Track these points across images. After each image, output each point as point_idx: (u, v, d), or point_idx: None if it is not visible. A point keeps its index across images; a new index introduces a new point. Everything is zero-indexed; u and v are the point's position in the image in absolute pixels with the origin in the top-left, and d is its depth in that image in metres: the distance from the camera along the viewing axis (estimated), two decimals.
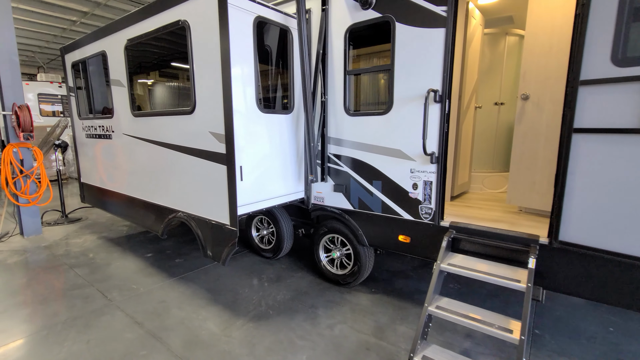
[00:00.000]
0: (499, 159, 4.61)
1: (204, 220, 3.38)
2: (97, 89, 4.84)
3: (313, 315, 3.27)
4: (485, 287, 3.84)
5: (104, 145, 4.79)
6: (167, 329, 3.03)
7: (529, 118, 3.20)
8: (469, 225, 2.85)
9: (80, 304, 3.46)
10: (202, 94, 3.15)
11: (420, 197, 3.06)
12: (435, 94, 2.78)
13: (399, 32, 2.97)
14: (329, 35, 3.44)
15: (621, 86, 2.03)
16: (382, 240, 3.38)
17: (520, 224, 2.95)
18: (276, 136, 3.44)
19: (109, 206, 5.09)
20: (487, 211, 3.46)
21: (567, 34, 2.90)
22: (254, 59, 3.08)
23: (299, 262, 4.52)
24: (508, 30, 4.33)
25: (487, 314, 2.38)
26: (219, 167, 3.10)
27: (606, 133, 2.10)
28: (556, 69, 3.00)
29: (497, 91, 4.45)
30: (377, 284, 3.91)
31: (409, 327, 3.07)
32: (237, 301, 3.53)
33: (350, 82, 3.43)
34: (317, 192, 3.83)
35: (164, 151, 3.70)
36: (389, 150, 3.19)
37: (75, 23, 13.63)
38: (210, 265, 4.44)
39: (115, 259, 4.65)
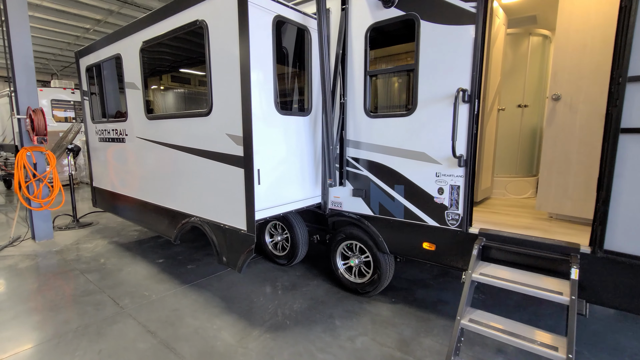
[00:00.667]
0: (522, 164, 4.43)
1: (219, 225, 3.26)
2: (111, 93, 4.81)
3: (332, 326, 3.11)
4: (511, 297, 3.64)
5: (117, 148, 4.73)
6: (180, 339, 2.91)
7: (561, 120, 3.04)
8: (501, 232, 2.69)
9: (91, 311, 3.36)
10: (219, 95, 3.06)
11: (447, 203, 2.90)
12: (464, 93, 2.64)
13: (424, 30, 2.85)
14: (349, 35, 3.34)
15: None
16: (405, 247, 3.22)
17: (554, 232, 2.78)
18: (293, 139, 3.33)
19: (120, 211, 5.02)
20: (515, 218, 3.28)
21: (603, 31, 2.75)
22: (272, 59, 2.99)
23: (314, 270, 4.38)
24: (532, 30, 4.18)
25: (526, 328, 2.20)
26: (236, 170, 3.00)
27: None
28: (590, 68, 2.84)
29: (521, 93, 4.29)
30: (396, 293, 3.74)
31: (435, 341, 2.89)
32: (252, 310, 3.39)
33: (370, 83, 3.31)
34: (334, 197, 3.70)
35: (179, 154, 3.62)
36: (413, 153, 3.05)
37: (88, 31, 13.88)
38: (223, 272, 4.31)
39: (127, 265, 4.55)
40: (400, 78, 4.03)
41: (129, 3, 11.04)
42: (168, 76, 4.22)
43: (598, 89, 2.81)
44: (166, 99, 4.41)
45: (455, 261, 2.93)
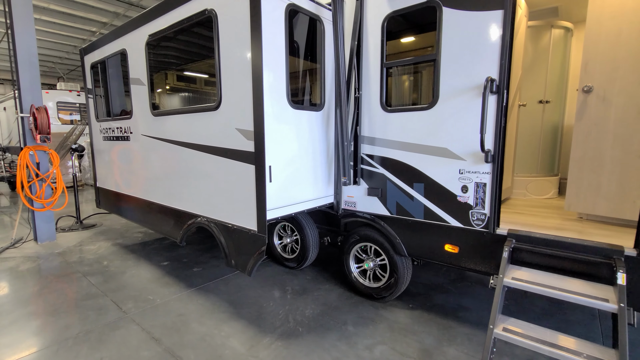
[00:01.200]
0: (543, 162, 4.22)
1: (228, 225, 3.09)
2: (116, 90, 4.69)
3: (347, 333, 2.92)
4: (536, 304, 3.42)
5: (122, 147, 4.59)
6: (187, 347, 2.73)
7: (593, 113, 2.84)
8: (533, 233, 2.48)
9: (93, 316, 3.19)
10: (228, 88, 2.90)
11: (471, 201, 2.71)
12: (492, 83, 2.45)
13: (447, 17, 2.68)
14: (364, 26, 3.17)
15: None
16: (425, 250, 3.03)
17: (589, 233, 2.57)
18: (306, 135, 3.16)
19: (125, 212, 4.87)
20: (542, 218, 3.08)
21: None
22: (285, 50, 2.83)
23: (325, 273, 4.18)
24: (553, 23, 3.99)
25: (569, 339, 2.00)
26: (246, 167, 2.83)
27: None
28: (626, 56, 2.65)
29: (542, 88, 4.09)
30: (413, 298, 3.54)
31: (460, 350, 2.68)
32: (262, 316, 3.20)
33: (387, 76, 3.14)
34: (348, 196, 3.52)
35: (185, 151, 3.46)
36: (433, 149, 2.86)
37: (94, 34, 13.90)
38: (231, 275, 4.13)
39: (130, 267, 4.39)
40: (419, 70, 3.85)
41: (135, 5, 11.03)
42: (176, 70, 4.08)
43: (635, 79, 2.61)
44: (172, 95, 4.27)
45: (481, 264, 2.73)
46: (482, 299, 3.54)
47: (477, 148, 2.62)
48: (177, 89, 4.25)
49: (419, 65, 3.77)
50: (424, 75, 3.82)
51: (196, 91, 4.33)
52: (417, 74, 3.89)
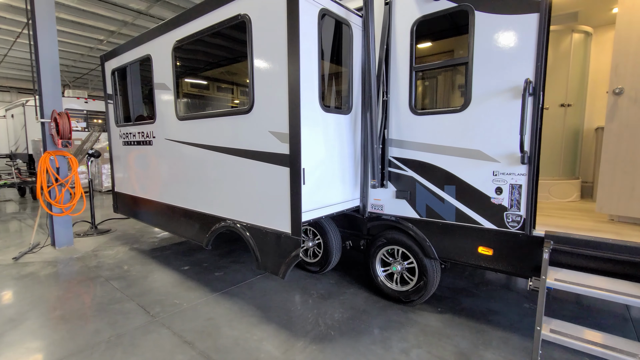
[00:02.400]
0: (566, 165, 4.23)
1: (260, 228, 3.09)
2: (137, 95, 4.72)
3: (380, 337, 2.89)
4: (566, 307, 3.40)
5: (143, 152, 4.61)
6: (221, 351, 2.70)
7: (625, 115, 2.86)
8: (571, 234, 2.48)
9: (122, 320, 3.17)
10: (261, 91, 2.92)
11: (506, 203, 2.71)
12: (530, 85, 2.47)
13: (479, 21, 2.71)
14: (393, 30, 3.21)
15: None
16: (456, 252, 3.02)
17: (627, 235, 2.57)
18: (335, 138, 3.18)
19: (145, 216, 4.87)
20: (574, 220, 3.07)
21: None
22: (318, 54, 2.86)
23: (348, 277, 4.17)
24: (574, 27, 4.04)
25: (613, 338, 1.98)
26: (280, 170, 2.84)
27: None
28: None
29: (563, 92, 4.12)
30: (441, 302, 3.52)
31: (497, 354, 2.66)
32: (292, 320, 3.18)
33: (416, 79, 3.17)
34: (374, 199, 3.52)
35: (214, 155, 3.47)
36: (466, 151, 2.87)
37: (102, 42, 14.04)
38: (254, 279, 4.12)
39: (151, 272, 4.38)
40: (449, 73, 3.89)
41: (143, 14, 11.16)
42: (203, 74, 4.11)
43: None
44: (199, 99, 4.30)
45: (517, 266, 2.72)
46: (510, 302, 3.52)
47: (511, 149, 2.63)
48: (203, 93, 4.28)
49: (449, 69, 3.81)
50: (455, 78, 3.85)
51: (226, 94, 4.35)
52: (447, 77, 3.92)
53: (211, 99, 4.47)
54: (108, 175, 11.06)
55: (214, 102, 4.49)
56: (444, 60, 3.02)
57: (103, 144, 11.06)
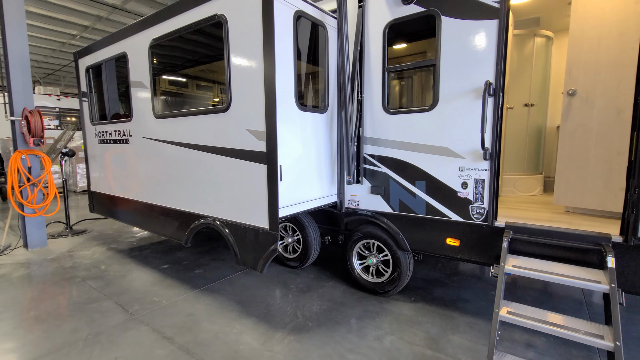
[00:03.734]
0: (530, 161, 4.50)
1: (238, 225, 3.16)
2: (113, 93, 4.66)
3: (356, 326, 3.03)
4: (529, 294, 3.65)
5: (120, 150, 4.57)
6: (201, 344, 2.76)
7: (577, 115, 3.10)
8: (528, 225, 2.69)
9: (100, 319, 3.17)
10: (238, 90, 2.99)
11: (471, 197, 2.90)
12: (490, 86, 2.66)
13: (445, 25, 2.88)
14: (366, 32, 3.34)
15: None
16: (427, 244, 3.19)
17: (578, 224, 2.80)
18: (312, 136, 3.28)
19: (123, 215, 4.82)
20: (534, 212, 3.30)
21: (619, 27, 2.84)
22: (293, 54, 2.95)
23: (327, 271, 4.29)
24: (536, 32, 4.30)
25: (568, 319, 2.18)
26: (257, 167, 2.92)
27: None
28: (607, 62, 2.92)
29: (527, 92, 4.38)
30: (414, 292, 3.69)
31: (463, 338, 2.84)
32: (271, 313, 3.27)
33: (389, 80, 3.31)
34: (350, 195, 3.65)
35: (191, 153, 3.51)
36: (434, 148, 3.04)
37: (75, 37, 13.55)
38: (234, 276, 4.17)
39: (130, 271, 4.35)
40: (419, 74, 4.05)
41: (119, 9, 10.87)
42: (180, 73, 4.11)
43: (614, 83, 2.88)
44: (176, 97, 4.29)
45: (480, 255, 2.91)
46: (478, 290, 3.74)
47: (476, 146, 2.81)
48: (182, 91, 4.27)
49: (419, 69, 3.98)
50: (425, 79, 4.02)
51: (202, 94, 4.37)
52: (417, 78, 4.09)
53: (189, 98, 4.48)
54: (83, 175, 10.75)
55: (192, 100, 4.50)
56: (415, 62, 3.18)
57: (77, 143, 10.73)
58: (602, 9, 2.89)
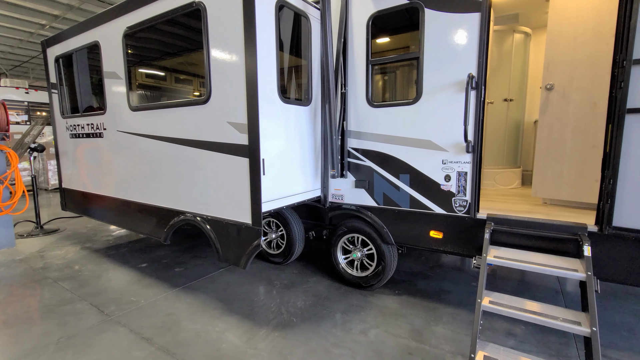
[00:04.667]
0: (509, 155, 4.61)
1: (220, 220, 3.07)
2: (85, 84, 4.44)
3: (341, 320, 3.01)
4: (508, 284, 3.74)
5: (93, 145, 4.35)
6: (182, 344, 2.67)
7: (555, 109, 3.18)
8: (509, 216, 2.74)
9: (73, 321, 3.01)
10: (219, 82, 2.89)
11: (454, 189, 2.92)
12: (473, 80, 2.67)
13: (428, 18, 2.87)
14: (350, 24, 3.29)
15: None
16: (411, 237, 3.20)
17: (555, 215, 2.88)
18: (295, 129, 3.22)
19: (98, 213, 4.61)
20: (513, 205, 3.38)
21: (594, 24, 2.92)
22: (275, 45, 2.87)
23: (311, 267, 4.26)
24: (515, 28, 4.38)
25: (546, 306, 2.24)
26: (239, 161, 2.83)
27: None
28: (582, 58, 3.00)
29: (506, 88, 4.47)
30: (398, 285, 3.72)
31: (446, 328, 2.88)
32: (255, 310, 3.21)
33: (373, 73, 3.29)
34: (335, 189, 3.62)
35: (170, 147, 3.38)
36: (418, 141, 3.04)
37: (44, 27, 12.86)
38: (216, 273, 4.07)
39: (106, 271, 4.17)
40: (404, 67, 4.05)
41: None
42: (155, 64, 3.95)
43: (590, 78, 2.97)
44: (153, 89, 4.12)
45: (463, 247, 2.95)
46: (460, 282, 3.80)
47: (458, 140, 2.84)
48: (159, 84, 4.10)
49: (403, 63, 3.97)
50: (409, 72, 4.03)
51: (182, 87, 4.21)
52: (402, 71, 4.09)
53: (167, 90, 4.31)
54: (55, 172, 10.26)
55: (170, 92, 4.33)
56: (398, 54, 3.16)
57: (49, 139, 10.22)
58: (579, 7, 2.97)
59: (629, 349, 2.59)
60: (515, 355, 2.13)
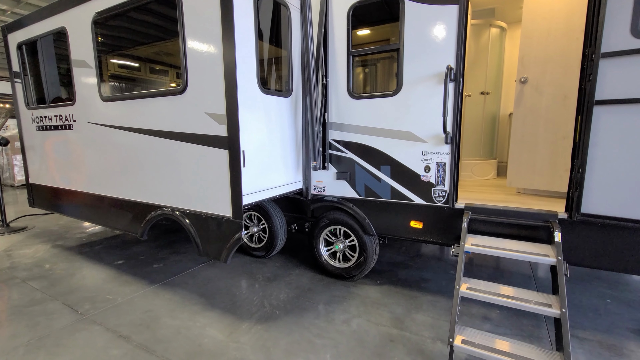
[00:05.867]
0: (485, 147, 4.74)
1: (199, 214, 3.00)
2: (52, 73, 4.19)
3: (324, 311, 3.03)
4: (484, 271, 3.88)
5: (63, 137, 4.13)
6: (161, 341, 2.61)
7: (528, 101, 3.28)
8: (485, 205, 2.82)
9: (44, 322, 2.88)
10: (195, 71, 2.79)
11: (433, 180, 2.98)
12: (451, 72, 2.71)
13: (408, 9, 2.88)
14: (330, 14, 3.26)
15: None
16: (392, 227, 3.25)
17: (529, 204, 2.99)
18: (275, 120, 3.18)
19: (69, 209, 4.40)
20: (489, 194, 3.48)
21: (565, 18, 3.02)
22: (254, 34, 2.80)
23: (293, 259, 4.25)
24: (491, 22, 4.47)
25: (519, 290, 2.33)
26: (219, 152, 2.77)
27: (628, 104, 2.16)
28: (555, 52, 3.10)
29: (483, 81, 4.57)
30: (380, 275, 3.78)
31: (426, 315, 2.96)
32: (237, 304, 3.18)
33: (354, 64, 3.27)
34: (316, 181, 3.61)
35: (145, 139, 3.25)
36: (399, 132, 3.07)
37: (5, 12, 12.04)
38: (197, 268, 4.00)
39: (79, 269, 4.01)
40: (384, 59, 4.06)
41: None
42: (130, 53, 3.76)
43: (561, 71, 3.08)
44: (126, 79, 3.94)
45: (442, 236, 3.02)
46: (439, 270, 3.91)
47: (438, 131, 2.88)
48: (133, 74, 3.92)
49: (384, 54, 3.98)
50: (390, 64, 4.04)
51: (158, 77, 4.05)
52: (383, 62, 4.10)
53: (142, 81, 4.13)
54: (22, 167, 9.72)
55: (145, 83, 4.15)
56: (379, 46, 3.17)
57: (14, 132, 9.64)
58: (551, 2, 3.06)
59: (594, 328, 2.75)
60: (491, 338, 2.21)
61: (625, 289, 3.39)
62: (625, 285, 3.47)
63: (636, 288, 3.41)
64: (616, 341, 2.57)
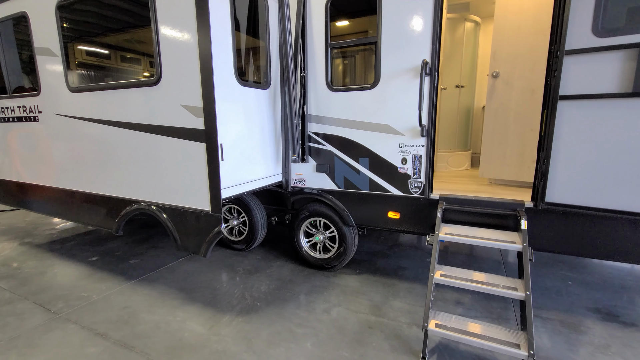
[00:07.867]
0: (460, 139, 4.90)
1: (177, 208, 2.95)
2: (12, 61, 3.94)
3: (305, 302, 3.09)
4: (458, 257, 4.05)
5: (27, 130, 3.92)
6: (141, 336, 2.59)
7: (500, 95, 3.41)
8: (459, 196, 2.94)
9: (14, 322, 2.78)
10: (169, 61, 2.71)
11: (410, 172, 3.06)
12: (427, 66, 2.77)
13: (385, 2, 2.90)
14: (309, 5, 3.23)
15: (601, 55, 2.23)
16: (370, 218, 3.33)
17: (499, 194, 3.14)
18: (254, 113, 3.15)
19: (37, 205, 4.20)
20: (463, 185, 3.62)
21: (534, 14, 3.14)
22: (231, 24, 2.75)
23: (274, 252, 4.28)
24: (466, 17, 4.58)
25: (489, 276, 2.47)
26: (196, 146, 2.72)
27: (590, 99, 2.30)
28: (524, 47, 3.23)
29: (458, 75, 4.70)
30: (359, 265, 3.87)
31: (403, 302, 3.07)
32: (217, 297, 3.18)
33: (332, 57, 3.28)
34: (296, 174, 3.63)
35: (118, 132, 3.14)
36: (376, 125, 3.13)
37: None
38: (175, 263, 3.95)
39: (50, 266, 3.87)
40: (363, 52, 4.07)
41: None
42: (100, 41, 3.58)
43: (530, 66, 3.22)
44: (97, 68, 3.76)
45: (419, 226, 3.13)
46: (415, 259, 4.05)
47: (413, 124, 2.96)
48: (103, 63, 3.74)
49: (362, 47, 3.99)
50: (368, 57, 4.06)
51: (130, 66, 3.88)
52: (361, 55, 4.12)
53: (113, 70, 3.95)
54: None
55: (116, 72, 3.98)
56: (358, 38, 3.18)
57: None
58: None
59: (556, 308, 2.95)
60: (463, 321, 2.34)
61: (585, 271, 3.65)
62: (584, 268, 3.73)
63: (594, 270, 3.68)
64: (575, 320, 2.78)
